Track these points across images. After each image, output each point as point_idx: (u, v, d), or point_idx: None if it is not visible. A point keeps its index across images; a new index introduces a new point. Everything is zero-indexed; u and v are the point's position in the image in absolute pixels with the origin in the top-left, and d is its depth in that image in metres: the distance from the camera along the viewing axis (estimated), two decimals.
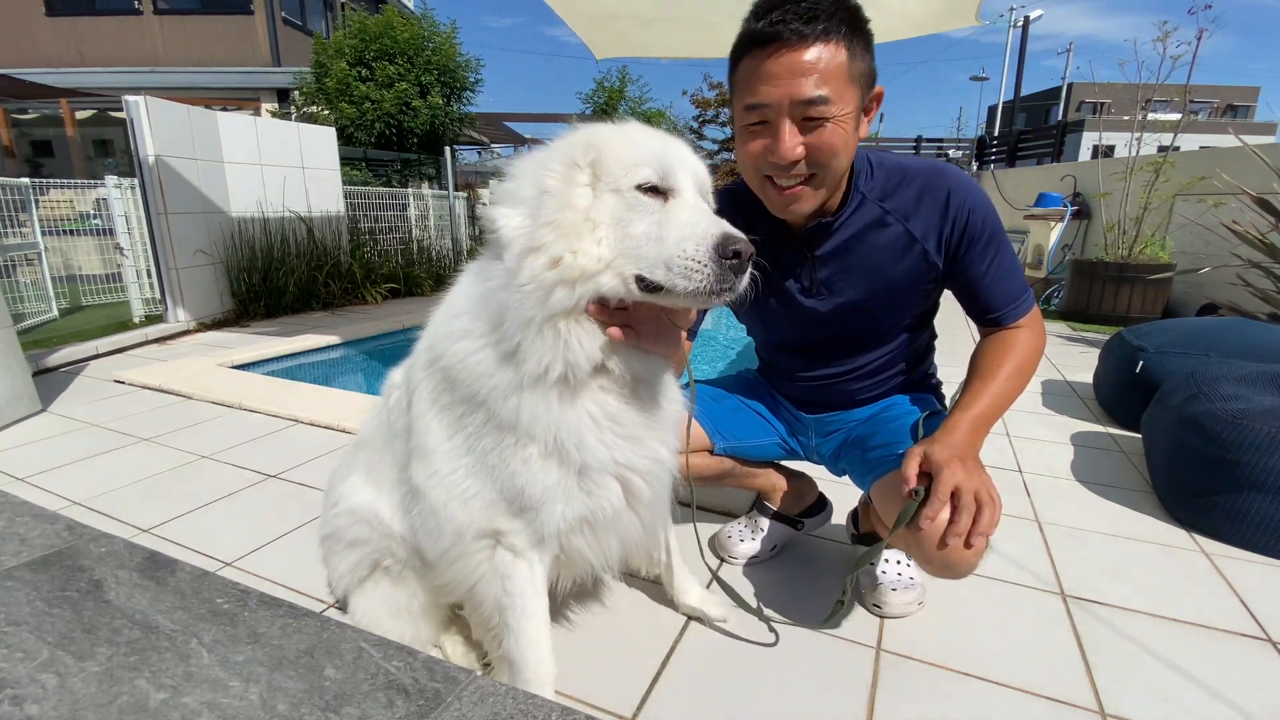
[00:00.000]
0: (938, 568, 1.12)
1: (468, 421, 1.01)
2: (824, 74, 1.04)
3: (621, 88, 13.43)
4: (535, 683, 1.07)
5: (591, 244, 0.88)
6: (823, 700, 1.20)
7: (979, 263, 1.24)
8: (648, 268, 0.87)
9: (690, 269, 0.84)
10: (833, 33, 1.04)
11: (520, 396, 0.94)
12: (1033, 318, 1.29)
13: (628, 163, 0.89)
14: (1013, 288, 1.26)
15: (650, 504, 1.11)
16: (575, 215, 0.88)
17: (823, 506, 1.74)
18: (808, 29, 1.02)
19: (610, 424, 1.00)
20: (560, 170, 0.90)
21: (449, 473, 1.03)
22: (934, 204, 1.23)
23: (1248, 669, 1.28)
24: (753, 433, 1.56)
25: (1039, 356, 1.28)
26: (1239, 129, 9.44)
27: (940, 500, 1.04)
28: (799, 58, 1.04)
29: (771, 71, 1.06)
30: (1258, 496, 1.71)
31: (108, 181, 4.81)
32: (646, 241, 0.87)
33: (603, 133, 0.94)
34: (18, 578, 0.97)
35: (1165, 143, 5.64)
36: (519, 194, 0.91)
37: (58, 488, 2.09)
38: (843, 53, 1.05)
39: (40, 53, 12.67)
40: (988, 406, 1.19)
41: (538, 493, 0.98)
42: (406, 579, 1.23)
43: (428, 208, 8.01)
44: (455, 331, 0.99)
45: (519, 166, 0.96)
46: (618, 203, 0.89)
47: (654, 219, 0.88)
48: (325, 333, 4.63)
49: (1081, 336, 4.66)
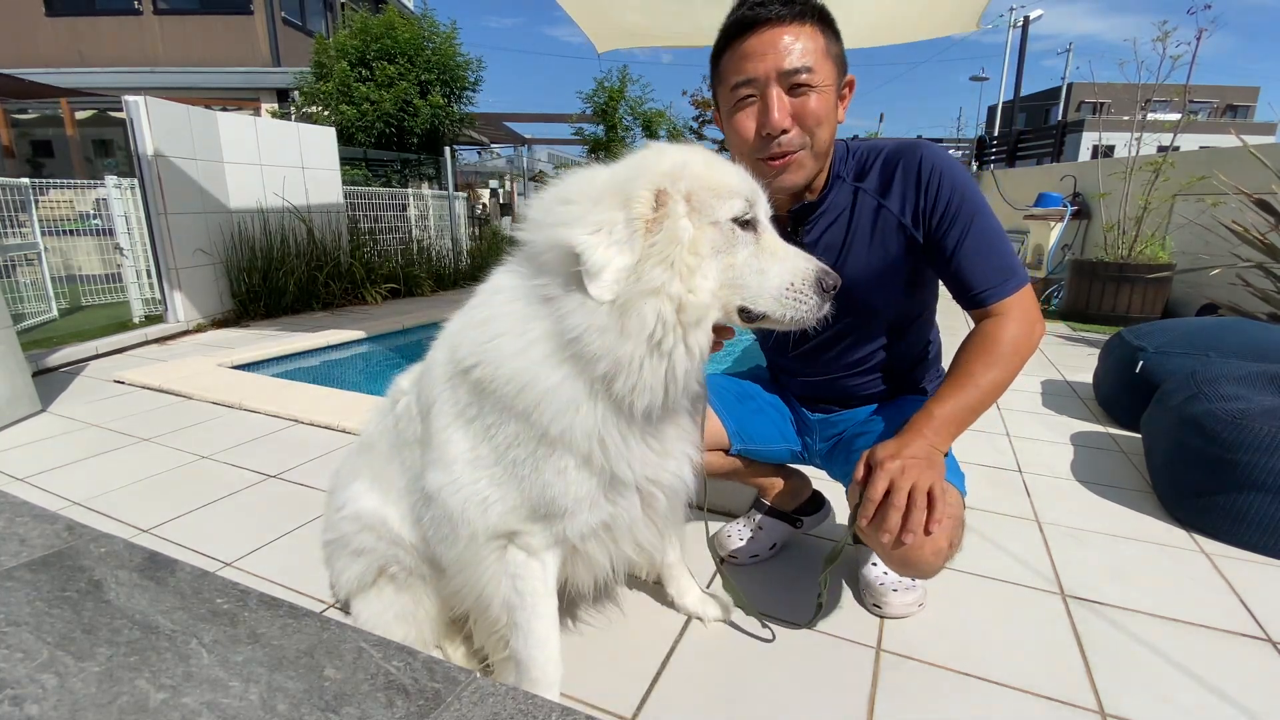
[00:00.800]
0: (897, 567, 1.16)
1: (498, 432, 0.98)
2: (804, 49, 1.14)
3: (622, 88, 13.44)
4: (542, 683, 1.07)
5: (701, 279, 0.89)
6: (823, 700, 1.20)
7: (953, 231, 1.19)
8: (752, 299, 0.93)
9: (798, 301, 0.93)
10: (808, 16, 1.15)
11: (578, 413, 0.93)
12: (1020, 303, 1.19)
13: (723, 194, 0.91)
14: (995, 264, 1.19)
15: (665, 515, 1.12)
16: (684, 250, 0.87)
17: (820, 505, 1.74)
18: (786, 10, 1.13)
19: (652, 438, 1.01)
20: (650, 197, 0.87)
21: (471, 481, 1.02)
22: (906, 176, 1.24)
23: (1248, 669, 1.28)
24: (770, 437, 1.55)
25: (1027, 350, 1.19)
26: (1239, 129, 9.43)
27: (870, 500, 1.04)
28: (781, 34, 1.13)
29: (756, 49, 1.14)
30: (1258, 496, 1.71)
31: (107, 181, 4.81)
32: (749, 274, 0.92)
33: (687, 161, 0.92)
34: (18, 578, 0.97)
35: (1165, 143, 5.64)
36: (598, 218, 0.86)
37: (58, 488, 2.09)
38: (819, 34, 1.16)
39: (40, 53, 12.67)
40: (955, 410, 1.14)
41: (568, 503, 0.99)
42: (412, 586, 1.22)
43: (427, 208, 8.01)
44: (502, 349, 0.95)
45: (581, 188, 0.92)
46: (717, 235, 0.90)
47: (750, 251, 0.93)
48: (325, 332, 4.63)
49: (1081, 336, 4.66)
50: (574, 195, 0.91)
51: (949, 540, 1.10)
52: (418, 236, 7.59)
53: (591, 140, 13.67)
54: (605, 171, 0.95)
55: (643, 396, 0.90)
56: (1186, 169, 5.11)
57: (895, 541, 1.03)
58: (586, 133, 13.88)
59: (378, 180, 9.49)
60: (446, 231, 8.24)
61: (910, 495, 1.01)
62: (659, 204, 0.88)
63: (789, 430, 1.57)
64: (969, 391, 1.15)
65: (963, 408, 1.14)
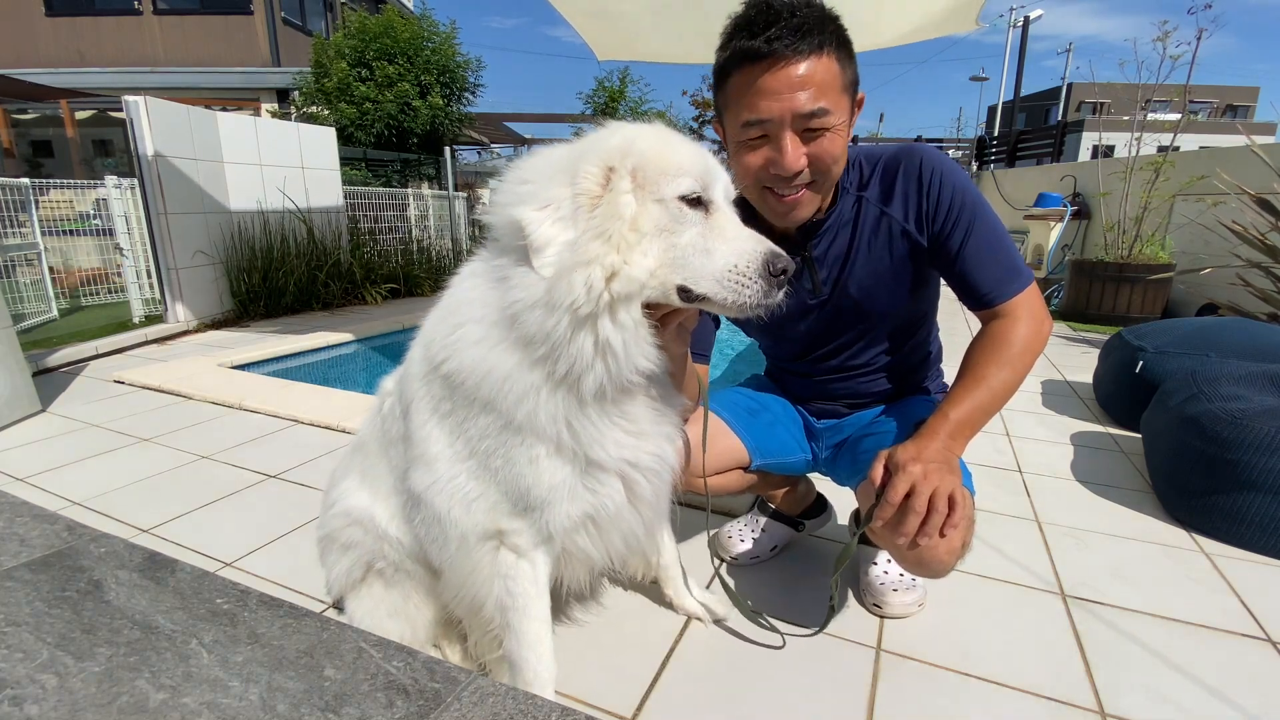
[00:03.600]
0: (911, 566, 1.16)
1: (470, 426, 0.99)
2: (820, 86, 1.06)
3: (622, 88, 13.44)
4: (536, 683, 1.07)
5: (640, 255, 0.87)
6: (823, 700, 1.20)
7: (957, 233, 1.20)
8: (693, 279, 0.89)
9: (740, 284, 0.88)
10: (825, 45, 1.06)
11: (539, 397, 0.93)
12: (1027, 301, 1.20)
13: (671, 172, 0.88)
14: (1001, 265, 1.20)
15: (651, 502, 1.10)
16: (624, 225, 0.86)
17: (823, 508, 1.74)
18: (803, 44, 1.04)
19: (621, 419, 1.00)
20: (597, 173, 0.87)
21: (451, 478, 1.02)
22: (907, 181, 1.23)
23: (1248, 669, 1.28)
24: (789, 449, 1.52)
25: (1037, 348, 1.21)
26: (1239, 129, 9.35)
27: (890, 503, 1.04)
28: (795, 72, 1.05)
29: (770, 87, 1.06)
30: (1258, 496, 1.71)
31: (107, 182, 4.81)
32: (693, 253, 0.88)
33: (639, 137, 0.91)
34: (18, 578, 0.97)
35: (1165, 143, 5.64)
36: (547, 195, 0.87)
37: (58, 488, 2.09)
38: (835, 64, 1.08)
39: (40, 53, 12.68)
40: (970, 412, 1.15)
41: (543, 492, 0.98)
42: (399, 582, 1.23)
43: (427, 208, 8.01)
44: (463, 338, 0.96)
45: (537, 166, 0.92)
46: (661, 213, 0.88)
47: (697, 231, 0.89)
48: (325, 332, 4.62)
49: (1081, 336, 4.66)
50: (530, 174, 0.91)
51: (962, 540, 1.10)
52: (418, 236, 7.59)
53: None
54: (561, 149, 0.94)
55: (585, 376, 0.90)
56: (1186, 169, 5.11)
57: (911, 544, 1.04)
58: (587, 133, 13.88)
59: (378, 180, 9.49)
60: (446, 231, 8.24)
61: (931, 500, 1.02)
62: (607, 181, 0.87)
63: (802, 438, 1.56)
64: (981, 392, 1.16)
65: (976, 409, 1.16)
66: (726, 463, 1.42)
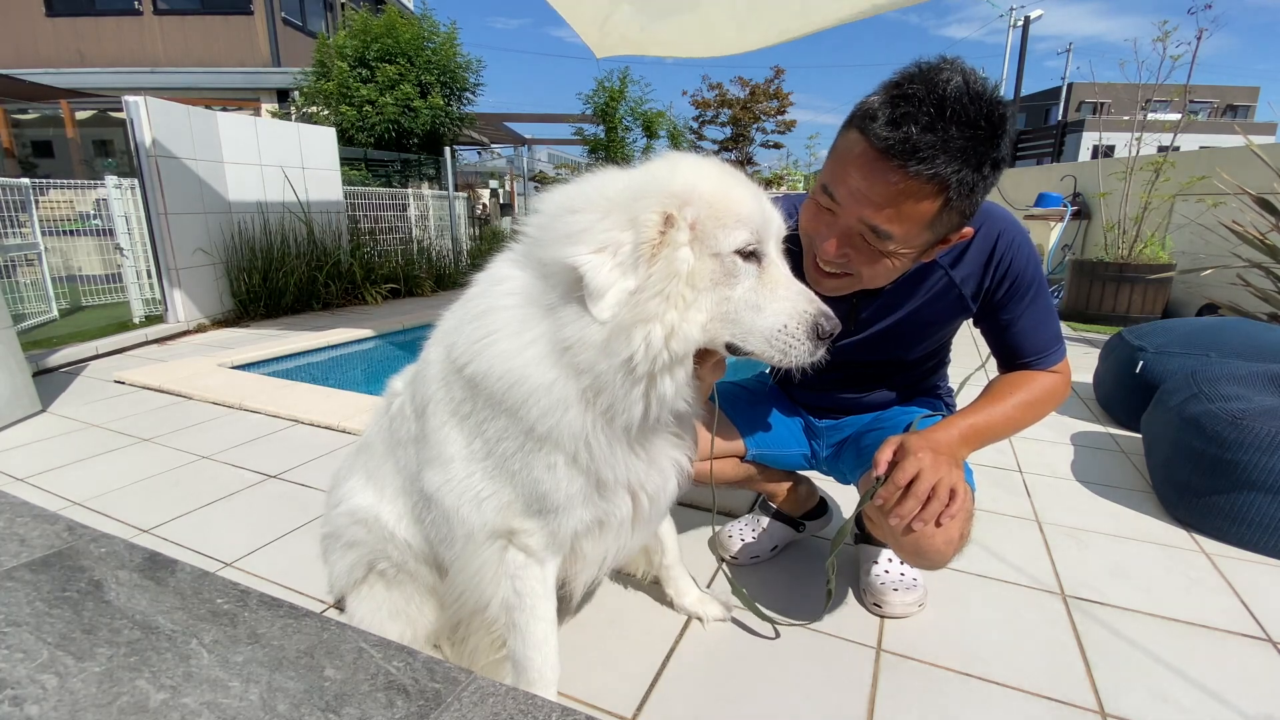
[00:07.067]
0: (909, 555, 1.17)
1: (489, 426, 0.99)
2: (903, 214, 0.99)
3: (622, 88, 13.41)
4: (540, 683, 1.07)
5: (695, 311, 0.87)
6: (823, 700, 1.20)
7: (1013, 309, 1.24)
8: (742, 337, 0.89)
9: (789, 345, 0.89)
10: (942, 177, 0.95)
11: (567, 414, 0.92)
12: (1061, 368, 1.28)
13: (729, 224, 0.87)
14: (1045, 337, 1.26)
15: (646, 517, 1.12)
16: (681, 282, 0.85)
17: (824, 510, 1.75)
18: (922, 167, 0.94)
19: (640, 448, 1.01)
20: (658, 220, 0.84)
21: (465, 477, 1.02)
22: (979, 251, 1.21)
23: (1248, 669, 1.28)
24: (784, 442, 1.55)
25: (1057, 399, 1.27)
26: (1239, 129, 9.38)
27: (895, 484, 1.07)
28: (890, 184, 0.97)
29: (861, 183, 1.00)
30: (1258, 496, 1.71)
31: (107, 182, 4.81)
32: (745, 309, 0.89)
33: (700, 182, 0.88)
34: (18, 578, 0.97)
35: (1165, 143, 5.63)
36: (604, 238, 0.85)
37: (58, 488, 2.09)
38: (936, 203, 0.98)
39: (40, 53, 12.68)
40: (986, 421, 1.21)
41: (561, 499, 0.99)
42: (401, 583, 1.23)
43: (428, 208, 8.00)
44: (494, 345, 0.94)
45: (589, 197, 0.90)
46: (717, 267, 0.87)
47: (750, 285, 0.89)
48: (326, 332, 4.62)
49: (1082, 336, 4.66)
50: (582, 205, 0.89)
51: (960, 532, 1.13)
52: (418, 236, 7.58)
53: (592, 141, 13.65)
54: (616, 182, 0.91)
55: (622, 414, 0.91)
56: (1186, 169, 5.11)
57: (905, 528, 1.06)
58: (587, 133, 13.86)
59: (378, 180, 9.48)
60: (447, 231, 8.24)
61: (934, 489, 1.05)
62: (665, 226, 0.85)
63: (800, 435, 1.57)
64: (999, 411, 1.22)
65: (991, 423, 1.21)
66: (721, 449, 1.44)
